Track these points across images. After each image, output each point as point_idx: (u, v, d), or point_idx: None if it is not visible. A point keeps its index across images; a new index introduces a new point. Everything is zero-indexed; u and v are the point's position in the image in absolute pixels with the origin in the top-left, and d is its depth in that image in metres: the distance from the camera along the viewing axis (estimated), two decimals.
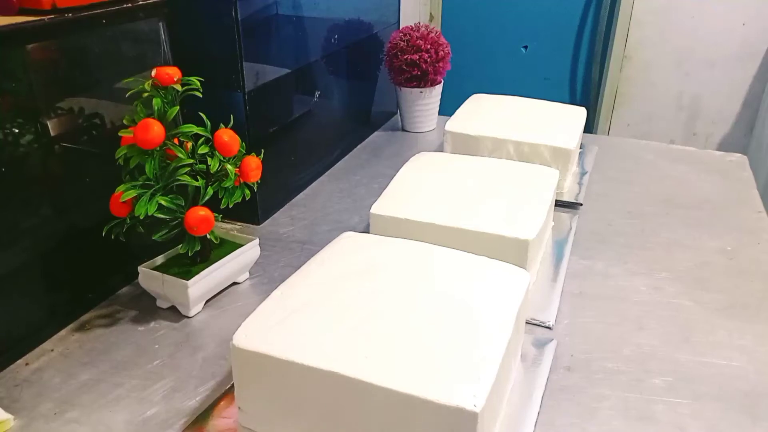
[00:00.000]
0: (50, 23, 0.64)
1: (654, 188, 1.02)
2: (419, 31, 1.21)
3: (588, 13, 2.33)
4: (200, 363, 0.65)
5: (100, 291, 0.76)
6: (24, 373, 0.64)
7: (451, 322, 0.52)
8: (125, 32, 0.75)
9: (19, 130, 0.64)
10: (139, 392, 0.61)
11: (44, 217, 0.68)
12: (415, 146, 1.23)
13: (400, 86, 1.24)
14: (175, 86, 0.67)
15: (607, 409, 0.59)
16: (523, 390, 0.60)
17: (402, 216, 0.74)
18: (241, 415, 0.55)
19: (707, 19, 2.16)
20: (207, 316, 0.73)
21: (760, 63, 2.17)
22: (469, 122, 1.03)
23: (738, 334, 0.69)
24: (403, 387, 0.45)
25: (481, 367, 0.47)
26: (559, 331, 0.70)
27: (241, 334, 0.52)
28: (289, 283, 0.59)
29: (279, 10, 0.91)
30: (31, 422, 0.58)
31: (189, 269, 0.72)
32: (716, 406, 0.59)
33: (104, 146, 0.70)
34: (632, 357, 0.65)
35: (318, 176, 1.10)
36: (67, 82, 0.69)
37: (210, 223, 0.68)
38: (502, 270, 0.60)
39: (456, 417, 0.44)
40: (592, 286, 0.78)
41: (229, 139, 0.70)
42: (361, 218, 0.95)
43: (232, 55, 0.83)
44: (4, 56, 0.61)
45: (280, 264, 0.83)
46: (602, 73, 2.37)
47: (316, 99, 1.06)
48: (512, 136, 0.98)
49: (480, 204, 0.76)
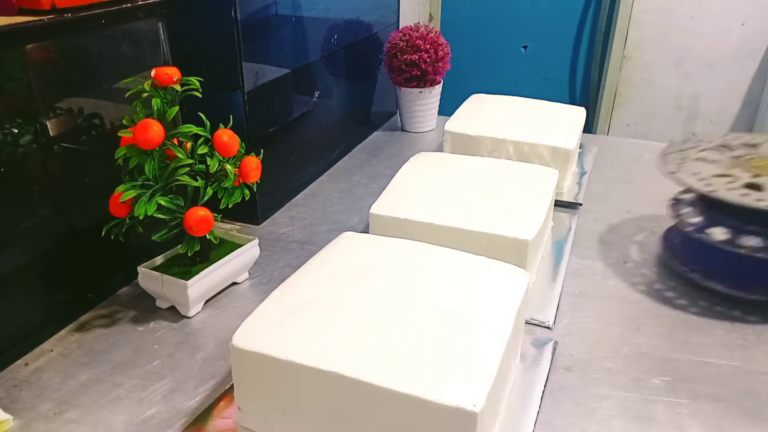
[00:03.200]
0: (49, 23, 0.64)
1: (654, 188, 1.02)
2: (419, 31, 1.21)
3: (587, 13, 2.33)
4: (200, 363, 0.65)
5: (99, 291, 0.76)
6: (23, 373, 0.64)
7: (450, 322, 0.52)
8: (124, 32, 0.75)
9: (18, 131, 0.64)
10: (138, 392, 0.61)
11: (43, 217, 0.68)
12: (415, 146, 1.23)
13: (399, 86, 1.24)
14: (175, 86, 0.67)
15: (606, 409, 0.59)
16: (522, 390, 0.60)
17: (401, 216, 0.74)
18: (240, 415, 0.55)
19: (706, 19, 2.16)
20: (206, 316, 0.73)
21: (760, 63, 2.17)
22: (469, 122, 1.03)
23: (738, 333, 0.69)
24: (402, 387, 0.45)
25: (481, 367, 0.47)
26: (558, 331, 0.70)
27: (240, 334, 0.52)
28: (288, 283, 0.59)
29: (278, 10, 0.91)
30: (31, 422, 0.58)
31: (188, 269, 0.72)
32: (716, 406, 0.59)
33: (104, 146, 0.70)
34: (631, 357, 0.65)
35: (317, 176, 1.10)
36: (66, 82, 0.69)
37: (209, 223, 0.68)
38: (501, 270, 0.60)
39: (455, 417, 0.44)
40: (591, 286, 0.78)
41: (229, 139, 0.70)
42: (360, 218, 0.95)
43: (232, 55, 0.83)
44: (4, 56, 0.61)
45: (279, 264, 0.83)
46: (601, 73, 2.37)
47: (316, 99, 1.06)
48: (512, 136, 0.98)
49: (480, 204, 0.76)
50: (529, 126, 1.01)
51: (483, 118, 1.05)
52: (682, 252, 0.81)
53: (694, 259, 0.78)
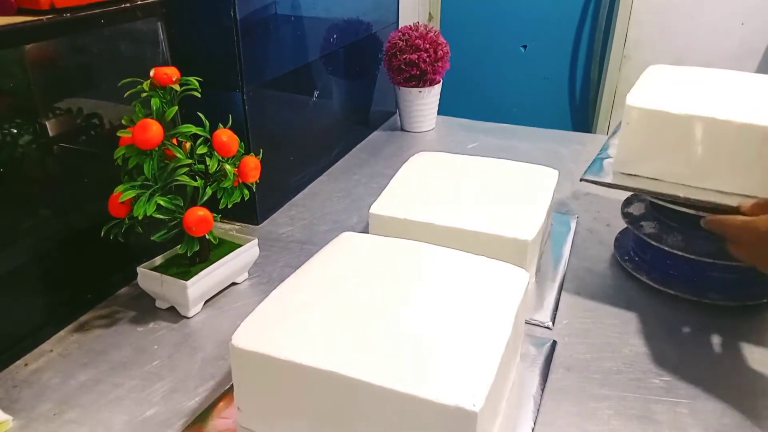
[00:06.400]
0: (48, 23, 0.64)
1: None
2: (418, 30, 1.21)
3: (587, 12, 2.33)
4: (199, 363, 0.65)
5: (99, 291, 0.76)
6: (23, 373, 0.64)
7: (450, 321, 0.52)
8: (123, 32, 0.75)
9: (17, 131, 0.64)
10: (138, 393, 0.61)
11: (43, 217, 0.68)
12: (414, 146, 1.23)
13: (399, 86, 1.24)
14: (174, 86, 0.66)
15: (606, 409, 0.59)
16: (522, 390, 0.60)
17: (401, 216, 0.74)
18: (240, 415, 0.55)
19: (706, 18, 2.16)
20: (206, 316, 0.73)
21: (759, 62, 2.17)
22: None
23: (737, 333, 0.69)
24: (402, 387, 0.45)
25: (480, 367, 0.47)
26: (558, 331, 0.70)
27: (240, 335, 0.52)
28: (288, 283, 0.59)
29: (278, 10, 0.91)
30: (30, 423, 0.58)
31: (188, 269, 0.71)
32: (716, 406, 0.59)
33: (103, 146, 0.70)
34: (631, 357, 0.65)
35: (317, 176, 1.10)
36: (65, 82, 0.69)
37: (209, 223, 0.68)
38: (501, 270, 0.60)
39: (455, 416, 0.44)
40: (591, 286, 0.78)
41: (228, 139, 0.69)
42: (360, 218, 0.95)
43: (231, 55, 0.83)
44: (3, 56, 0.61)
45: (279, 264, 0.83)
46: (601, 73, 2.37)
47: (315, 99, 1.06)
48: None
49: (479, 204, 0.76)
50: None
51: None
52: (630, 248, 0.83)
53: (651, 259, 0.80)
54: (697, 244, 0.71)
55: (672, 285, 0.74)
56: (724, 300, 0.72)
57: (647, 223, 0.77)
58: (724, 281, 0.73)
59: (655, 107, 0.70)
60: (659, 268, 0.77)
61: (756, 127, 0.65)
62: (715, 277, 0.73)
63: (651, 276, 0.76)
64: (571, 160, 1.13)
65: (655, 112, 0.70)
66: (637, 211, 0.80)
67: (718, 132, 0.67)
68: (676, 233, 0.73)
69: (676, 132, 0.69)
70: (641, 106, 0.71)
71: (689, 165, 0.70)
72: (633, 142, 0.73)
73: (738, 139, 0.66)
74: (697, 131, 0.68)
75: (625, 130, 0.73)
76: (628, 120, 0.72)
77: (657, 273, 0.77)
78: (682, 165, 0.70)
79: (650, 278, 0.76)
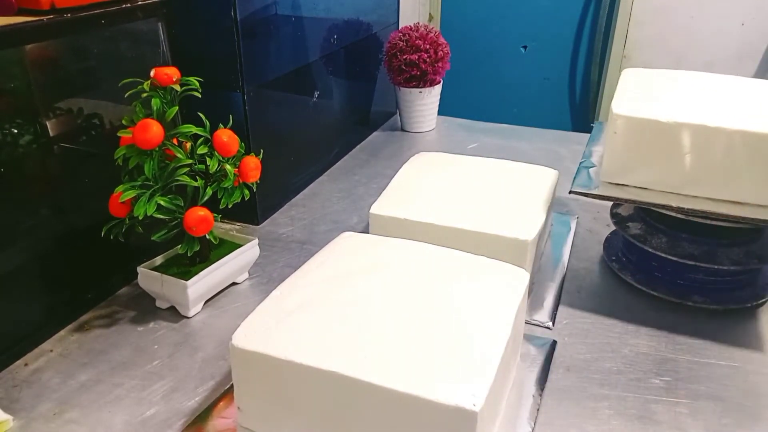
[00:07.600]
0: (49, 23, 0.64)
1: None
2: (418, 31, 1.21)
3: (587, 13, 2.33)
4: (199, 363, 0.65)
5: (99, 291, 0.76)
6: (23, 373, 0.64)
7: (450, 321, 0.52)
8: (124, 32, 0.75)
9: (18, 131, 0.64)
10: (138, 392, 0.61)
11: (43, 217, 0.68)
12: (415, 146, 1.23)
13: (399, 86, 1.24)
14: (174, 86, 0.67)
15: (606, 409, 0.59)
16: (522, 390, 0.60)
17: (401, 216, 0.74)
18: (240, 415, 0.55)
19: (706, 19, 2.16)
20: (206, 316, 0.73)
21: (759, 63, 2.17)
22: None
23: (738, 333, 0.69)
24: (402, 387, 0.45)
25: (481, 367, 0.47)
26: (558, 331, 0.70)
27: (240, 334, 0.52)
28: (288, 283, 0.59)
29: (278, 11, 0.91)
30: (30, 423, 0.58)
31: (188, 269, 0.72)
32: (716, 406, 0.59)
33: (103, 146, 0.70)
34: (631, 357, 0.65)
35: (317, 176, 1.10)
36: (65, 82, 0.69)
37: (209, 223, 0.68)
38: (501, 270, 0.60)
39: (455, 417, 0.44)
40: (591, 286, 0.78)
41: (228, 140, 0.70)
42: (360, 218, 0.95)
43: (231, 56, 0.83)
44: (4, 56, 0.61)
45: (279, 264, 0.83)
46: (601, 73, 2.37)
47: (315, 99, 1.06)
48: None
49: (479, 204, 0.76)
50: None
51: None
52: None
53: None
54: (681, 246, 0.71)
55: (655, 287, 0.74)
56: (705, 303, 0.72)
57: (634, 224, 0.77)
58: (707, 284, 0.73)
59: (643, 115, 0.68)
60: (644, 269, 0.77)
61: (747, 134, 0.64)
62: (699, 280, 0.73)
63: (636, 277, 0.76)
64: (571, 160, 1.13)
65: (643, 121, 0.68)
66: (625, 211, 0.80)
67: (709, 139, 0.66)
68: (661, 235, 0.73)
69: (665, 140, 0.68)
70: (628, 115, 0.69)
71: (679, 173, 0.68)
72: (621, 151, 0.71)
73: (729, 146, 0.65)
74: (687, 139, 0.67)
75: (612, 139, 0.71)
76: (614, 129, 0.70)
77: (642, 274, 0.76)
78: (672, 173, 0.69)
79: (635, 279, 0.76)
